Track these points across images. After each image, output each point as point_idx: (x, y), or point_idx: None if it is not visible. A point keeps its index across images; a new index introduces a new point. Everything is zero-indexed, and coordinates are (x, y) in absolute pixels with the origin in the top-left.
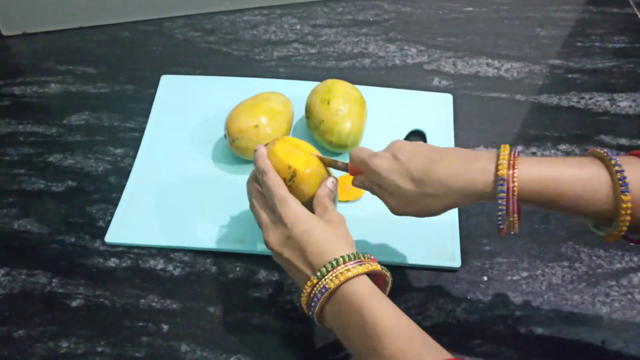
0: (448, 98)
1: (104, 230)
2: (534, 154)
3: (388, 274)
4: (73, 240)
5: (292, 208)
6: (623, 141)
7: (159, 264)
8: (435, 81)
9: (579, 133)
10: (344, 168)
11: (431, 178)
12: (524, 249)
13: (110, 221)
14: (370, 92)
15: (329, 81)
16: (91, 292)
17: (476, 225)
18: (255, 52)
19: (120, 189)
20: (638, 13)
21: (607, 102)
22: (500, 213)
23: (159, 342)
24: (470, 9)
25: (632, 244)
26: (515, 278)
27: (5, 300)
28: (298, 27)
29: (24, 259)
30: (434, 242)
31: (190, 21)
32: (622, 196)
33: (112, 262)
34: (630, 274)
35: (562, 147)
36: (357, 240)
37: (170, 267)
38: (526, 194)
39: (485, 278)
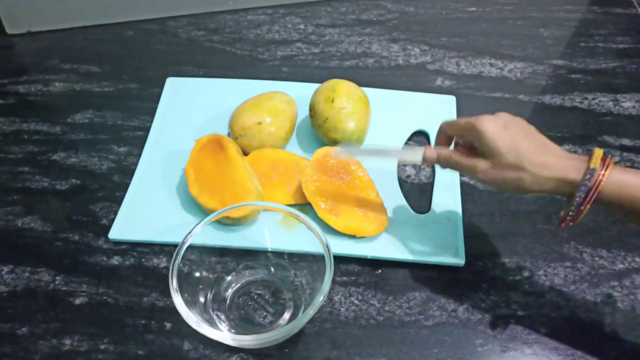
0: (452, 100)
1: (107, 229)
2: None
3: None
4: (76, 238)
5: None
6: (626, 142)
7: (162, 262)
8: (439, 81)
9: (582, 133)
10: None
11: (535, 159)
12: (526, 249)
13: (113, 219)
14: (374, 94)
15: (333, 81)
16: (94, 289)
17: (478, 225)
18: (258, 52)
19: (123, 187)
20: None
21: (611, 103)
22: (577, 200)
23: (161, 339)
24: (474, 9)
25: None
26: (517, 278)
27: (9, 297)
28: (301, 26)
29: (27, 257)
30: (438, 239)
31: (194, 20)
32: None
33: (116, 260)
34: (633, 275)
35: (565, 147)
36: (362, 237)
37: None
38: (615, 194)
39: (487, 278)
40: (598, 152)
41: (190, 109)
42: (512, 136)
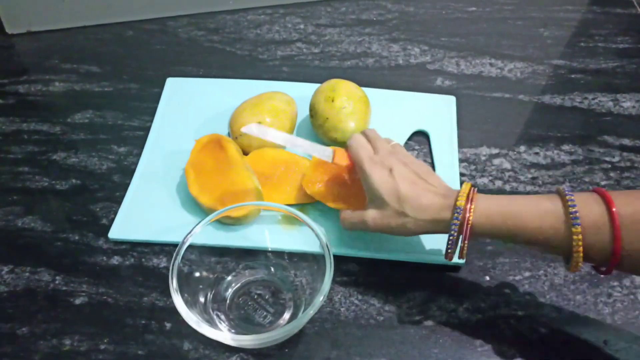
0: (452, 100)
1: (107, 228)
2: (537, 154)
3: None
4: (77, 238)
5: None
6: (626, 141)
7: (162, 262)
8: (439, 81)
9: (582, 133)
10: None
11: (414, 203)
12: (527, 249)
13: (113, 219)
14: (374, 94)
15: (333, 80)
16: (94, 289)
17: None
18: (258, 52)
19: (123, 187)
20: None
21: (611, 103)
22: (451, 238)
23: (161, 340)
24: (474, 8)
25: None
26: (517, 278)
27: (9, 297)
28: (301, 26)
29: (27, 257)
30: (438, 239)
31: (194, 20)
32: (572, 229)
33: (116, 260)
34: (633, 275)
35: (565, 147)
36: (360, 236)
37: None
38: (484, 226)
39: (487, 278)
40: (464, 188)
41: (190, 109)
42: (395, 183)
